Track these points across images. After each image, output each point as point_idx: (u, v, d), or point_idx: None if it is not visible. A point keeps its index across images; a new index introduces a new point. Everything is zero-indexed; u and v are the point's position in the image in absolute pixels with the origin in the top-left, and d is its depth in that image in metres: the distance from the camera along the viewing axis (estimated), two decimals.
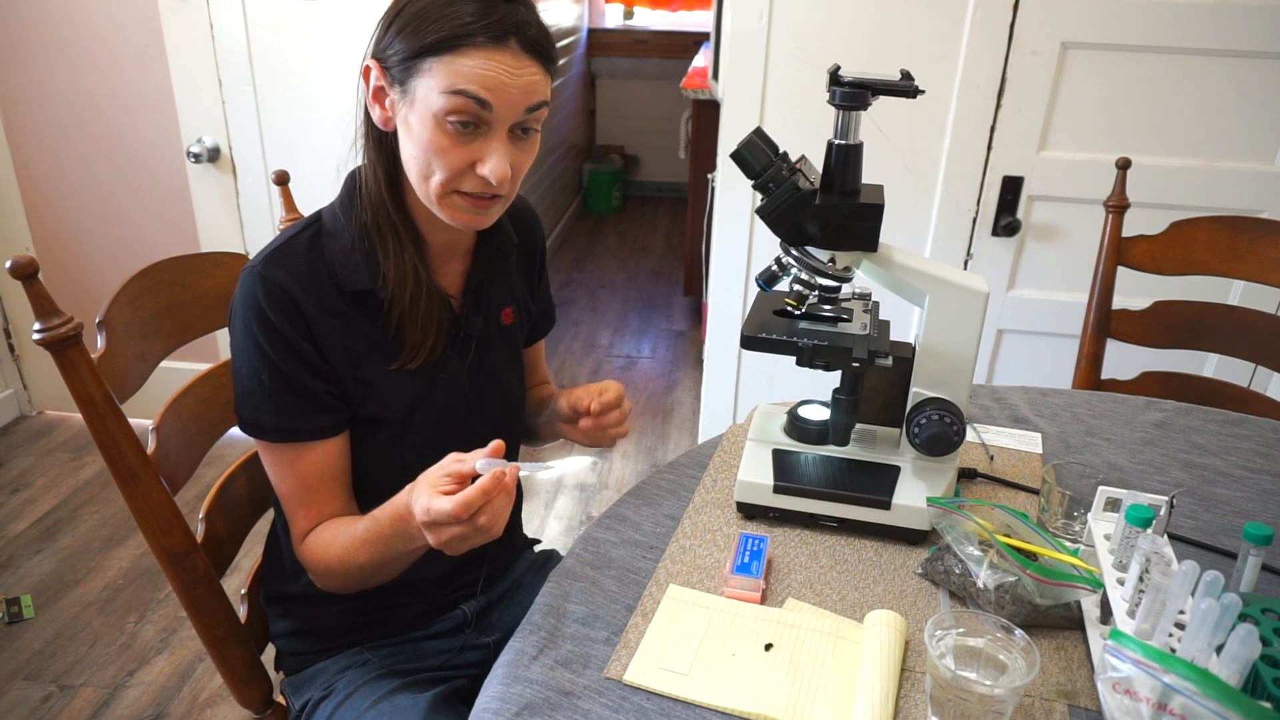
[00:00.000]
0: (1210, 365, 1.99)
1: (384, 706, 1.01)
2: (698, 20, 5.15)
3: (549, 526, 2.45)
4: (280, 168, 1.32)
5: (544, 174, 4.29)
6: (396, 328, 0.99)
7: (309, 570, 1.02)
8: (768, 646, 0.85)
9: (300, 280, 0.95)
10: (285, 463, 0.99)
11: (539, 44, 0.91)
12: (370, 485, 1.03)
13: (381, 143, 0.97)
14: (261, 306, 0.93)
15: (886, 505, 1.00)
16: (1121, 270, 1.60)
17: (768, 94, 1.97)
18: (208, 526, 1.09)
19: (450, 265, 1.05)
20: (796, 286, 1.02)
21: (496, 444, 0.84)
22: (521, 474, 0.84)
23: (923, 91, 0.92)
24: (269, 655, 1.15)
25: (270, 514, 1.17)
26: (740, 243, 2.11)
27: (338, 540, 0.97)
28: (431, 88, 0.88)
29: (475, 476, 0.82)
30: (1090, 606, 0.88)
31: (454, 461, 0.85)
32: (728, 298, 2.18)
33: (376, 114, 0.95)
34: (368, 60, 0.94)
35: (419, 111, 0.90)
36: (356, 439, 1.03)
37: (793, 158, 0.97)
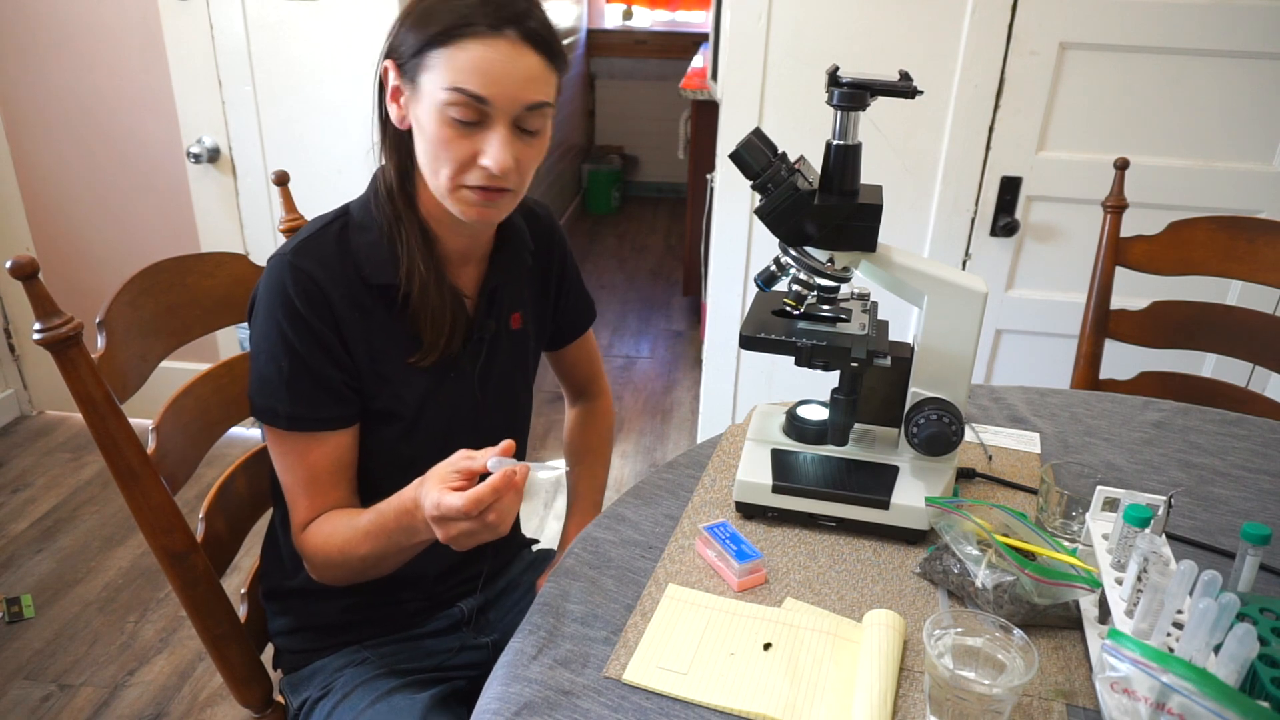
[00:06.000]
0: (1208, 365, 2.00)
1: (381, 706, 1.01)
2: (697, 20, 5.15)
3: (548, 526, 2.45)
4: (280, 168, 1.32)
5: (543, 174, 4.28)
6: (413, 323, 1.01)
7: (306, 560, 1.02)
8: (767, 646, 0.85)
9: (329, 271, 0.96)
10: (295, 452, 0.99)
11: (538, 35, 0.91)
12: (376, 480, 1.03)
13: (398, 142, 0.98)
14: (289, 294, 0.94)
15: (885, 505, 1.00)
16: (1120, 270, 1.60)
17: (767, 94, 1.97)
18: (208, 526, 1.09)
19: (466, 270, 1.06)
20: (795, 287, 1.03)
21: (507, 443, 0.85)
22: (532, 474, 0.84)
23: (921, 92, 0.92)
24: (269, 655, 1.15)
25: (270, 512, 1.18)
26: (739, 243, 2.11)
27: (339, 531, 0.98)
28: (434, 82, 0.90)
29: (485, 474, 0.83)
30: (1088, 606, 0.88)
31: (464, 458, 0.85)
32: (727, 298, 2.18)
33: (394, 113, 0.96)
34: (384, 61, 0.95)
35: (425, 105, 0.91)
36: (366, 433, 1.03)
37: (791, 158, 0.97)
